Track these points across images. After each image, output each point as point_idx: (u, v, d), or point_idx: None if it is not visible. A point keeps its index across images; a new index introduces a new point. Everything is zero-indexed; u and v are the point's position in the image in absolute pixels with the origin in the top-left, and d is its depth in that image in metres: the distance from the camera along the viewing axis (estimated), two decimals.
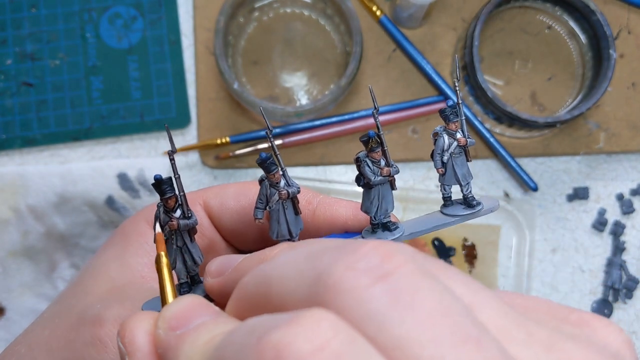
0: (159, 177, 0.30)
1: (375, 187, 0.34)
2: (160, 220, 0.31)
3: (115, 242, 0.40)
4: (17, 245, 0.67)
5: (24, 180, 0.67)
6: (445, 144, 0.35)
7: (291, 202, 0.33)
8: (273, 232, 0.33)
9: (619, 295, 0.70)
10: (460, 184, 0.36)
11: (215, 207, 0.40)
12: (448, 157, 0.35)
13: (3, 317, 0.67)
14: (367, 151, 0.33)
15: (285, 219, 0.33)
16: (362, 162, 0.33)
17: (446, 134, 0.35)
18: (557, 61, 0.70)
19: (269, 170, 0.32)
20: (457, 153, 0.35)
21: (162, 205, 0.31)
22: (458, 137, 0.35)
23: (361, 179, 0.34)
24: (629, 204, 0.71)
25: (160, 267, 0.28)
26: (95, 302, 0.36)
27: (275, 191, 0.32)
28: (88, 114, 0.69)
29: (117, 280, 0.38)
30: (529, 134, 0.69)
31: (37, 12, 0.70)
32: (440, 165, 0.35)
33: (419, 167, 0.70)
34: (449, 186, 0.36)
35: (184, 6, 0.71)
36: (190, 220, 0.31)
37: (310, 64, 0.70)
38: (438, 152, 0.35)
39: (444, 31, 0.71)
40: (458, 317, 0.19)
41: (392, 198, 0.34)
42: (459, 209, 0.36)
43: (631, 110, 0.70)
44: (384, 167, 0.33)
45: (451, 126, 0.35)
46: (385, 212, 0.35)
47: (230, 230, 0.40)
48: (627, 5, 0.71)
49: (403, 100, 0.70)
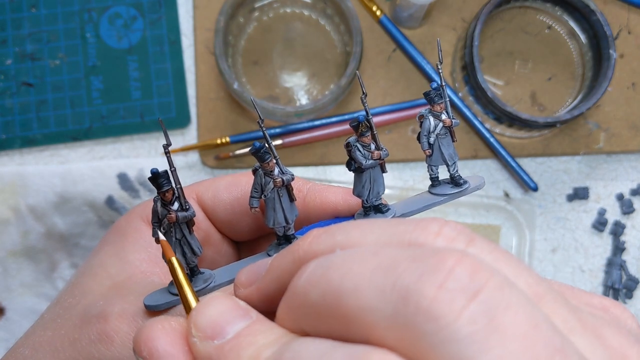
0: (155, 170, 0.31)
1: (366, 171, 0.34)
2: (159, 214, 0.31)
3: (111, 240, 0.40)
4: (17, 245, 0.67)
5: (24, 180, 0.67)
6: (431, 126, 0.36)
7: (286, 189, 0.33)
8: (269, 220, 0.34)
9: (619, 295, 0.70)
10: (447, 164, 0.36)
11: (209, 200, 0.40)
12: (434, 138, 0.36)
13: (3, 317, 0.67)
14: (357, 136, 0.34)
15: (281, 206, 0.33)
16: (352, 147, 0.34)
17: (431, 115, 0.36)
18: (557, 61, 0.70)
19: (262, 159, 0.32)
20: (442, 134, 0.36)
21: (159, 199, 0.31)
22: (443, 118, 0.36)
23: (352, 163, 0.34)
24: (629, 204, 0.71)
25: (175, 272, 0.27)
26: (97, 300, 0.36)
27: (270, 179, 0.32)
28: (88, 114, 0.69)
29: (117, 277, 0.38)
30: (529, 134, 0.69)
31: (37, 12, 0.70)
32: (428, 147, 0.36)
33: (419, 167, 0.70)
34: (436, 167, 0.37)
35: (184, 6, 0.71)
36: (188, 212, 0.31)
37: (310, 64, 0.70)
38: (424, 134, 0.36)
39: (444, 31, 0.71)
40: (545, 329, 0.20)
41: (383, 180, 0.35)
42: (447, 188, 0.37)
43: (631, 110, 0.70)
44: (374, 151, 0.34)
45: (436, 108, 0.36)
46: (377, 194, 0.35)
47: (225, 222, 0.41)
48: (627, 5, 0.71)
49: (403, 100, 0.70)
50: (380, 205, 0.36)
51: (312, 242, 0.26)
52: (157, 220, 0.32)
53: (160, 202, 0.31)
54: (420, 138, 0.36)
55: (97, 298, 0.37)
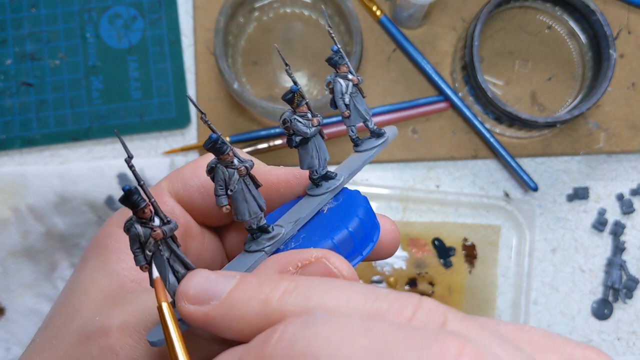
0: (127, 187, 0.27)
1: (311, 141, 0.34)
2: (141, 236, 0.28)
3: (93, 255, 0.39)
4: (17, 245, 0.67)
5: (24, 180, 0.67)
6: (343, 87, 0.36)
7: (249, 177, 0.31)
8: (244, 213, 0.32)
9: (619, 295, 0.70)
10: (365, 119, 0.37)
11: (181, 190, 0.39)
12: (349, 98, 0.36)
13: (3, 317, 0.67)
14: (294, 107, 0.34)
15: (251, 195, 0.32)
16: (292, 121, 0.33)
17: (340, 78, 0.36)
18: (557, 61, 0.70)
19: (221, 151, 0.30)
20: (354, 92, 0.36)
21: (136, 220, 0.28)
22: (350, 77, 0.36)
23: (293, 140, 0.34)
24: (629, 204, 0.71)
25: (164, 321, 0.25)
26: (92, 316, 0.35)
27: (232, 171, 0.31)
28: (88, 114, 0.69)
29: (108, 289, 0.36)
30: (529, 134, 0.69)
31: (37, 12, 0.70)
32: (345, 108, 0.36)
33: (419, 167, 0.70)
34: (355, 126, 0.37)
35: (184, 6, 0.71)
36: (171, 224, 0.28)
37: (310, 64, 0.70)
38: (339, 97, 0.36)
39: (444, 31, 0.71)
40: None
41: (325, 146, 0.35)
42: (371, 142, 0.38)
43: (631, 110, 0.70)
44: (313, 118, 0.34)
45: (342, 69, 0.36)
46: (325, 161, 0.35)
47: (202, 208, 0.40)
48: (627, 5, 0.71)
49: (403, 100, 0.70)
50: (329, 173, 0.36)
51: (284, 296, 0.24)
52: (139, 245, 0.28)
53: (138, 223, 0.28)
54: (336, 102, 0.36)
55: (92, 313, 0.35)
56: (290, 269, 0.29)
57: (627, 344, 0.70)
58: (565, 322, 0.70)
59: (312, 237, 0.32)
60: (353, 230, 0.31)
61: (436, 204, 0.70)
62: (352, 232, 0.31)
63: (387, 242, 0.35)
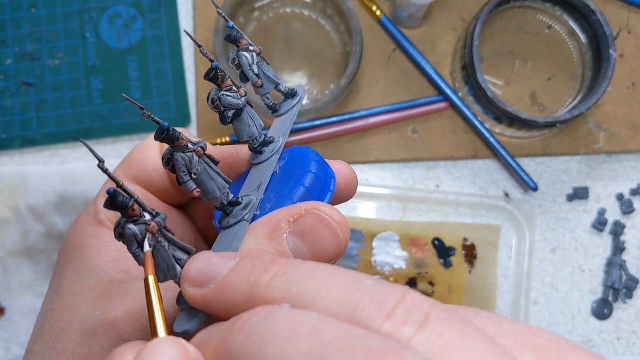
0: (111, 191, 0.27)
1: (244, 111, 0.35)
2: (137, 235, 0.27)
3: (71, 257, 0.38)
4: (17, 245, 0.67)
5: (24, 180, 0.67)
6: (249, 59, 0.37)
7: (206, 156, 0.32)
8: (213, 191, 0.32)
9: (619, 295, 0.70)
10: (277, 83, 0.38)
11: (138, 173, 0.39)
12: (257, 68, 0.37)
13: (3, 317, 0.67)
14: (219, 84, 0.34)
15: (214, 172, 0.32)
16: (221, 98, 0.34)
17: (243, 51, 0.37)
18: (557, 61, 0.70)
19: (175, 137, 0.30)
20: (260, 61, 0.37)
21: (125, 222, 0.27)
22: (252, 48, 0.37)
23: (226, 115, 0.34)
24: (629, 204, 0.71)
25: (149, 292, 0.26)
26: (91, 313, 0.34)
27: (192, 154, 0.31)
28: (88, 113, 0.69)
29: (98, 287, 0.36)
30: (529, 134, 0.69)
31: (37, 12, 0.70)
32: (257, 79, 0.37)
33: (419, 167, 0.70)
34: (269, 94, 0.38)
35: (184, 6, 0.71)
36: (161, 214, 0.28)
37: (310, 64, 0.70)
38: (248, 69, 0.37)
39: (444, 31, 0.71)
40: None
41: (257, 114, 0.36)
42: (288, 103, 0.39)
43: (631, 110, 0.70)
44: (239, 90, 0.34)
45: (242, 42, 0.37)
46: (261, 127, 0.36)
47: (163, 188, 0.40)
48: (627, 5, 0.71)
49: (403, 100, 0.70)
50: (267, 139, 0.36)
51: (271, 281, 0.24)
52: (137, 245, 0.28)
53: (130, 223, 0.27)
54: (247, 74, 0.36)
55: (90, 312, 0.35)
56: (283, 225, 0.30)
57: (627, 344, 0.70)
58: (565, 322, 0.70)
59: (282, 194, 0.33)
60: (309, 185, 0.33)
61: (436, 204, 0.70)
62: (309, 188, 0.33)
63: (345, 185, 0.36)
